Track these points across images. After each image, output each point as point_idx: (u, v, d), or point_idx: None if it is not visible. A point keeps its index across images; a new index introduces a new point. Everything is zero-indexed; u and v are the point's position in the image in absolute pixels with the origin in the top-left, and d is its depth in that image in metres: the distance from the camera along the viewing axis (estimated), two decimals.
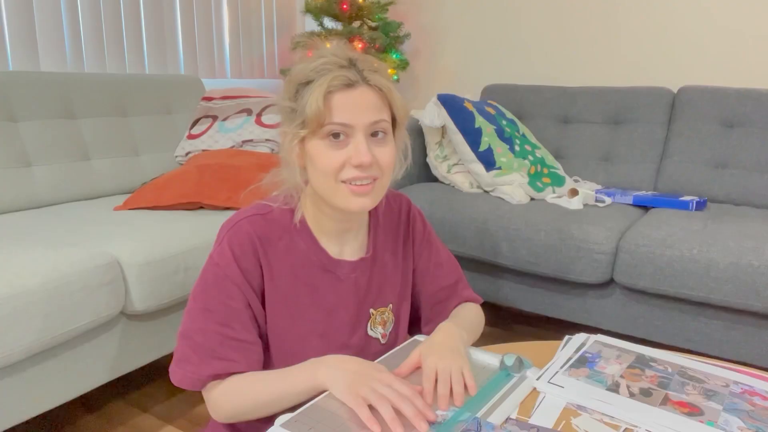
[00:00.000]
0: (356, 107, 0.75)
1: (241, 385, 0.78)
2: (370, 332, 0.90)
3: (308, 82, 0.75)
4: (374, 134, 0.77)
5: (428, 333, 0.96)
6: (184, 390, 1.64)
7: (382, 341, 0.92)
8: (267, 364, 0.84)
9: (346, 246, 0.88)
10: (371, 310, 0.90)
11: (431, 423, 0.66)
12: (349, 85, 0.75)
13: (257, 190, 0.87)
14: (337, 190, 0.77)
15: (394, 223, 0.96)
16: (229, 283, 0.79)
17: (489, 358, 0.83)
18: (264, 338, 0.84)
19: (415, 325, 1.03)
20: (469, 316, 0.96)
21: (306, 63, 0.77)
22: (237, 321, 0.79)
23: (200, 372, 0.78)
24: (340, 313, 0.86)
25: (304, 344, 0.84)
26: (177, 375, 0.80)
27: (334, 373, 0.72)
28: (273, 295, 0.82)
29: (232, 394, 0.78)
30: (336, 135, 0.75)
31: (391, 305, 0.93)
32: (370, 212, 0.92)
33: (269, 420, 0.73)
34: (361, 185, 0.77)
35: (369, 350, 0.90)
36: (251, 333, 0.81)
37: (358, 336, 0.89)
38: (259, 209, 0.84)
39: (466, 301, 1.01)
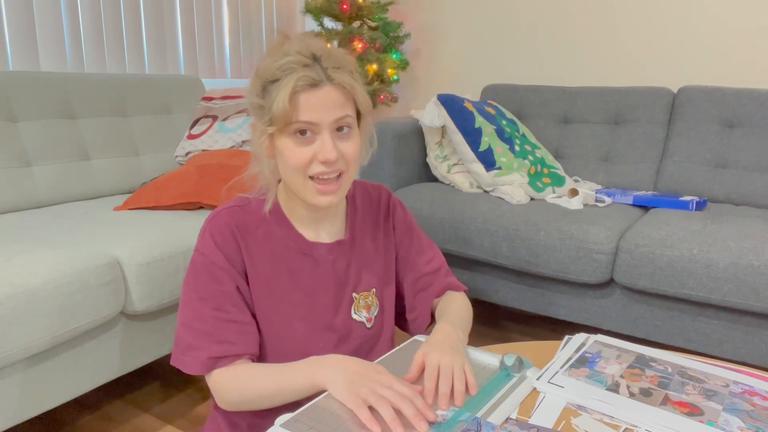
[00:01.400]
0: (321, 106, 0.78)
1: (243, 376, 0.81)
2: (354, 315, 0.92)
3: (274, 80, 0.78)
4: (339, 129, 0.81)
5: (413, 320, 1.00)
6: (184, 390, 1.64)
7: (368, 325, 0.93)
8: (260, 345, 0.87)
9: (322, 231, 0.91)
10: (354, 294, 0.92)
11: (431, 423, 0.66)
12: (314, 84, 0.77)
13: (240, 186, 0.90)
14: (305, 186, 0.82)
15: (374, 211, 0.98)
16: (217, 269, 0.83)
17: (489, 358, 0.83)
18: (255, 319, 0.87)
19: (401, 317, 1.04)
20: (460, 312, 0.95)
21: (272, 60, 0.79)
22: (230, 304, 0.83)
23: (203, 355, 0.81)
24: (321, 296, 0.89)
25: (288, 326, 0.87)
26: (183, 363, 0.82)
27: (333, 374, 0.72)
28: (255, 280, 0.86)
29: (235, 384, 0.81)
30: (303, 132, 0.79)
31: (374, 290, 0.95)
32: (347, 199, 0.96)
33: (269, 418, 0.74)
34: (327, 182, 0.81)
35: (354, 334, 0.92)
36: (245, 314, 0.84)
37: (341, 319, 0.90)
38: (238, 201, 0.88)
39: (449, 288, 1.01)
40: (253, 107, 0.82)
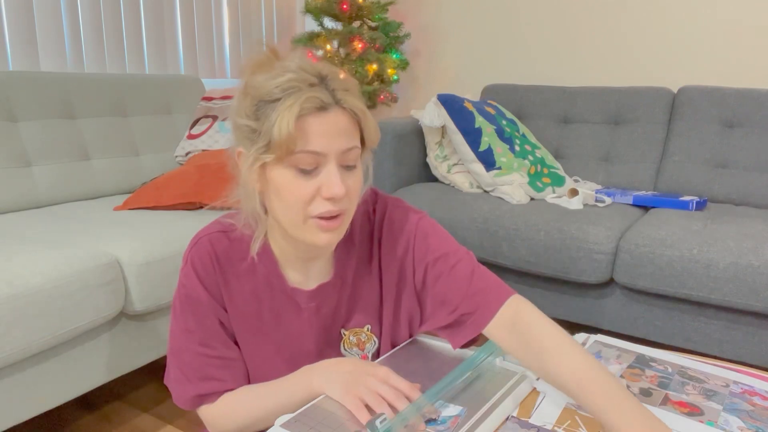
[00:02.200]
0: (329, 133, 0.67)
1: (234, 402, 0.77)
2: (344, 352, 0.85)
3: (273, 100, 0.67)
4: (345, 165, 0.70)
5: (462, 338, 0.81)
6: None
7: None
8: None
9: (311, 272, 0.82)
10: (343, 331, 0.84)
11: (430, 420, 0.66)
12: (322, 108, 0.67)
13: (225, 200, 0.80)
14: (304, 225, 0.71)
15: (372, 236, 0.85)
16: (199, 306, 0.78)
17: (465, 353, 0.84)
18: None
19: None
20: (580, 363, 0.67)
21: (268, 76, 0.68)
22: (216, 339, 0.78)
23: (189, 393, 0.78)
24: (305, 340, 0.82)
25: (271, 365, 0.81)
26: (173, 392, 0.80)
27: (328, 377, 0.71)
28: (236, 317, 0.80)
29: (228, 413, 0.78)
30: (306, 162, 0.68)
31: (368, 326, 0.86)
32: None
33: None
34: (330, 220, 0.70)
35: None
36: (232, 349, 0.80)
37: (329, 357, 0.81)
38: (223, 226, 0.79)
39: (492, 306, 0.77)
40: (242, 131, 0.70)
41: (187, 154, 2.09)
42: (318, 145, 0.67)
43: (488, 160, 1.97)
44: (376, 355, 0.87)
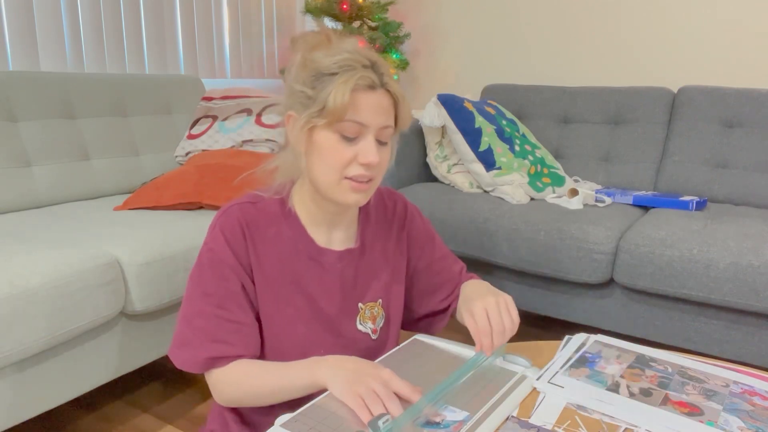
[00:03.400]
0: (373, 109, 0.78)
1: (242, 374, 0.80)
2: (359, 326, 0.90)
3: (331, 74, 0.77)
4: (379, 139, 0.81)
5: (435, 321, 1.02)
6: (184, 390, 1.64)
7: (373, 336, 0.92)
8: (261, 345, 0.87)
9: (335, 237, 0.90)
10: (360, 305, 0.91)
11: (433, 423, 0.66)
12: (371, 86, 0.78)
13: (251, 180, 0.89)
14: (339, 185, 0.80)
15: (388, 220, 0.97)
16: (224, 267, 0.82)
17: (466, 351, 0.85)
18: (258, 319, 0.86)
19: (417, 321, 1.03)
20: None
21: (327, 53, 0.78)
22: (234, 303, 0.82)
23: (200, 355, 0.80)
24: (325, 303, 0.87)
25: (290, 330, 0.86)
26: (179, 358, 0.82)
27: (333, 372, 0.72)
28: (260, 280, 0.85)
29: (234, 382, 0.81)
30: (350, 130, 0.78)
31: (380, 300, 0.93)
32: (360, 206, 0.95)
33: (268, 414, 0.74)
34: (360, 183, 0.80)
35: (359, 345, 0.90)
36: (248, 315, 0.83)
37: (345, 329, 0.89)
38: (251, 198, 0.87)
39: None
40: (297, 96, 0.80)
41: (187, 154, 2.09)
42: (364, 117, 0.78)
43: (488, 160, 1.97)
44: (385, 329, 0.94)
